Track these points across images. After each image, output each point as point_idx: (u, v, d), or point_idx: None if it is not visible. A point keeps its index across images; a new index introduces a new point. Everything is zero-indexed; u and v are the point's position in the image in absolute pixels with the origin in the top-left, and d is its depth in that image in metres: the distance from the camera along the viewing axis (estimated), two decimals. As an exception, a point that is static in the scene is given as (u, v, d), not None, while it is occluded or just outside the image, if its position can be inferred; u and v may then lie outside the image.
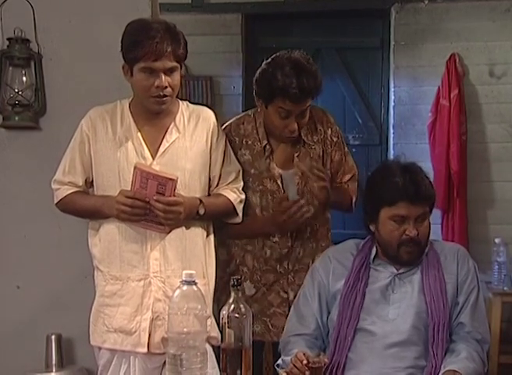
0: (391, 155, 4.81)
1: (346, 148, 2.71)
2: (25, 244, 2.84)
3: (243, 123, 2.62)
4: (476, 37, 4.69)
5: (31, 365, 2.76)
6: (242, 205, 2.47)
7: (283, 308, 2.59)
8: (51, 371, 2.77)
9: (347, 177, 2.70)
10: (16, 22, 2.75)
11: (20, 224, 2.84)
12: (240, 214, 2.46)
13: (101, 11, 2.79)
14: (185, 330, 1.66)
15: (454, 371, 2.06)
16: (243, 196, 2.47)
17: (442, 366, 2.10)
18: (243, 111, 5.13)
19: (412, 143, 4.78)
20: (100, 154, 2.31)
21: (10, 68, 2.80)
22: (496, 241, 4.28)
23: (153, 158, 2.29)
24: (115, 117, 2.34)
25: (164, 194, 2.19)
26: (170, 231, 2.29)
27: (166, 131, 2.33)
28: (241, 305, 1.75)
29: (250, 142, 2.59)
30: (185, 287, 1.69)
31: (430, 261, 2.26)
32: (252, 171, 2.57)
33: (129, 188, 2.22)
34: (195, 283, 1.71)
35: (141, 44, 2.18)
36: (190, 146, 2.34)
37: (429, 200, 2.25)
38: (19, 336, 2.85)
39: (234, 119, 2.67)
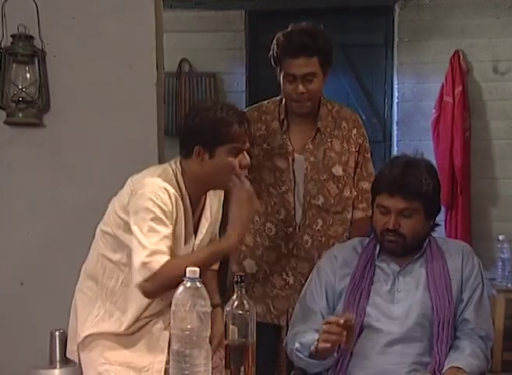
0: (394, 152, 4.81)
1: (368, 154, 2.70)
2: (28, 241, 2.84)
3: (268, 103, 2.71)
4: (480, 34, 4.69)
5: (35, 361, 2.76)
6: None
7: (286, 292, 2.60)
8: (55, 367, 2.77)
9: (363, 185, 2.65)
10: (19, 18, 2.75)
11: (23, 221, 2.84)
12: None
13: (105, 7, 2.78)
14: (188, 326, 1.66)
15: (458, 368, 2.06)
16: None
17: (446, 363, 2.10)
18: (246, 108, 5.20)
19: (416, 140, 4.77)
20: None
21: (14, 65, 2.79)
22: (500, 237, 4.29)
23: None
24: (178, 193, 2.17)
25: None
26: None
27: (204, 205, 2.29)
28: (245, 302, 1.75)
29: (268, 118, 2.65)
30: (188, 284, 1.69)
31: (434, 258, 2.26)
32: (264, 146, 2.62)
33: None
34: (198, 280, 1.71)
35: (233, 126, 2.14)
36: None
37: (416, 196, 2.19)
38: (23, 332, 2.85)
39: None
